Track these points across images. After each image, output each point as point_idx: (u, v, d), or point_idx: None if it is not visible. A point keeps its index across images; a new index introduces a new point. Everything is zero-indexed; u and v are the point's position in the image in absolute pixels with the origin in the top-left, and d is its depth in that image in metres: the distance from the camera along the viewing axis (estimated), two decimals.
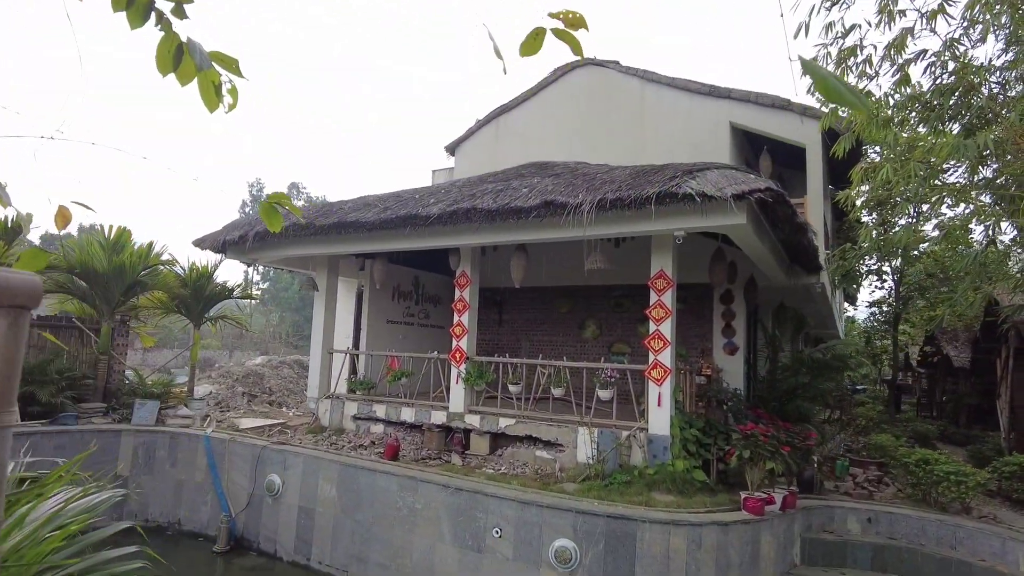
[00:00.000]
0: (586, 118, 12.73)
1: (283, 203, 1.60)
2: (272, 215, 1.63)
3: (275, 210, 1.63)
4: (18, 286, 0.75)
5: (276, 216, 1.64)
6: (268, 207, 1.61)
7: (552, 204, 7.22)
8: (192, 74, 1.65)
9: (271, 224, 1.65)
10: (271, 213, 1.62)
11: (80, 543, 1.93)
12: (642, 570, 6.18)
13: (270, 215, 1.62)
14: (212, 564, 8.35)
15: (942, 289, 13.55)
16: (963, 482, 7.44)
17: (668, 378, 7.80)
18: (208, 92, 1.68)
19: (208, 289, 11.61)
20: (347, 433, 10.08)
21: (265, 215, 1.62)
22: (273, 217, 1.64)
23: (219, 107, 1.72)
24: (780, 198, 6.61)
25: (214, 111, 1.71)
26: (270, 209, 1.61)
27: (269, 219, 1.63)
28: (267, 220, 1.63)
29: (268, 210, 1.61)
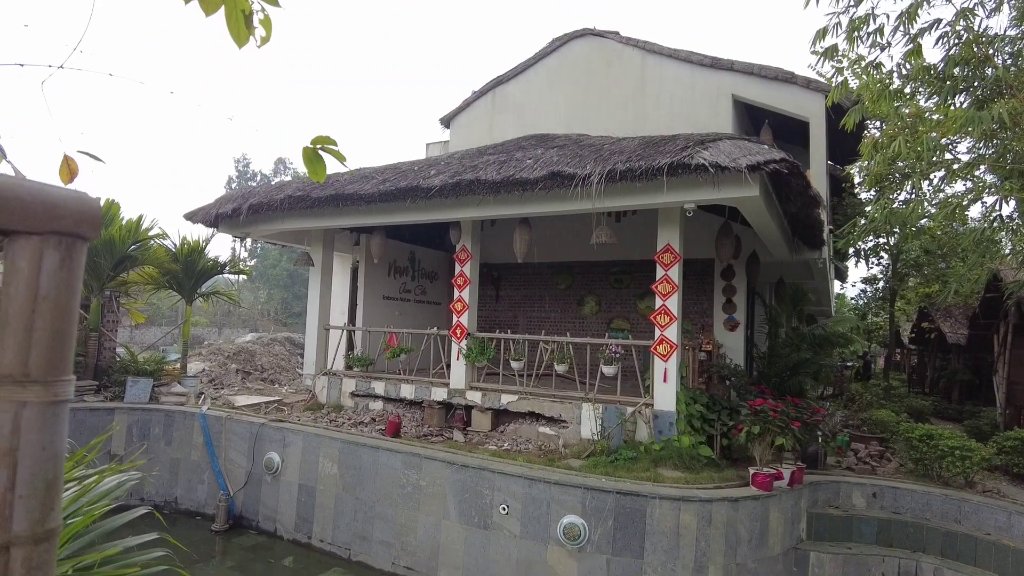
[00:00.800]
0: (585, 90, 12.44)
1: (329, 149, 1.40)
2: (316, 163, 1.42)
3: (319, 157, 1.42)
4: (70, 206, 0.56)
5: (320, 164, 1.44)
6: (312, 153, 1.40)
7: (559, 175, 7.01)
8: (219, 1, 1.43)
9: (315, 173, 1.44)
10: (315, 160, 1.42)
11: (100, 529, 1.76)
12: (652, 546, 6.12)
13: (314, 163, 1.42)
14: (211, 543, 8.21)
15: (940, 266, 13.54)
16: (967, 457, 7.43)
17: (674, 354, 7.70)
18: (237, 22, 1.46)
19: (200, 264, 11.31)
20: (346, 410, 9.93)
21: (308, 163, 1.42)
22: (317, 165, 1.43)
23: (249, 41, 1.51)
24: (795, 169, 6.45)
25: (243, 45, 1.50)
26: (314, 156, 1.40)
27: (312, 167, 1.42)
28: (310, 168, 1.43)
29: (312, 157, 1.40)
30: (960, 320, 14.43)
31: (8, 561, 0.51)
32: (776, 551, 6.61)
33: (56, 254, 0.55)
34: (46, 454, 0.54)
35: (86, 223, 0.57)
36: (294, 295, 44.03)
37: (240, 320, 37.49)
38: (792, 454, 7.51)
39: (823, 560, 6.80)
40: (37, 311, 0.54)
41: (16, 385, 0.53)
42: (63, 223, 0.55)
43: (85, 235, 0.57)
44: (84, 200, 0.57)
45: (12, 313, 0.53)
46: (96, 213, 0.58)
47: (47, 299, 0.54)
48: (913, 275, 15.40)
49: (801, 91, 10.51)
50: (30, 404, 0.53)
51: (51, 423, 0.54)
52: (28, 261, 0.54)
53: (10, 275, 0.53)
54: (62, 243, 0.55)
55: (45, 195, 0.53)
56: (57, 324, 0.55)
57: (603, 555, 6.20)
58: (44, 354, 0.54)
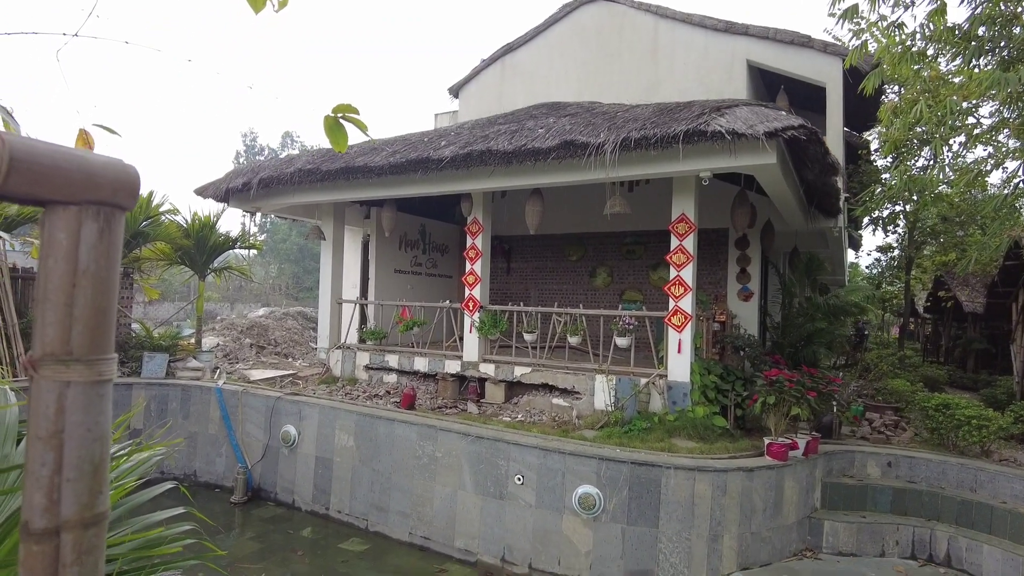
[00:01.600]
0: (596, 56, 12.20)
1: (350, 118, 1.35)
2: (337, 132, 1.38)
3: (340, 126, 1.38)
4: (108, 175, 0.52)
5: (341, 133, 1.39)
6: (333, 122, 1.35)
7: (572, 144, 6.91)
8: None
9: (336, 143, 1.40)
10: (336, 130, 1.37)
11: (127, 504, 1.77)
12: (667, 516, 6.17)
13: (335, 132, 1.37)
14: (231, 515, 8.37)
15: (958, 234, 13.33)
16: (984, 426, 7.38)
17: (688, 325, 7.66)
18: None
19: (212, 239, 11.33)
20: (360, 383, 10.01)
21: (330, 132, 1.37)
22: (338, 134, 1.38)
23: (265, 6, 1.45)
24: (814, 136, 6.31)
25: (260, 10, 1.45)
26: (335, 125, 1.36)
27: (334, 137, 1.38)
28: (332, 138, 1.38)
29: (333, 126, 1.35)
30: (977, 288, 14.25)
31: (59, 546, 0.49)
32: (791, 520, 6.65)
33: (95, 225, 0.51)
34: (92, 435, 0.51)
35: (124, 192, 0.53)
36: (304, 269, 44.23)
37: (252, 295, 37.76)
38: (807, 424, 7.50)
39: (837, 528, 6.84)
40: (77, 286, 0.50)
41: (59, 364, 0.50)
42: (101, 192, 0.51)
43: (124, 205, 0.54)
44: (122, 168, 0.53)
45: (52, 288, 0.50)
46: (135, 181, 0.55)
47: (87, 273, 0.51)
48: (930, 243, 15.19)
49: (818, 55, 10.26)
50: (74, 384, 0.51)
51: (96, 403, 0.52)
52: (67, 232, 0.50)
53: (48, 248, 0.50)
54: (100, 213, 0.52)
55: (83, 162, 0.50)
56: (98, 299, 0.51)
57: (618, 524, 6.26)
58: (86, 331, 0.51)
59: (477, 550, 6.95)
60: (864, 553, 6.78)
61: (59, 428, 0.50)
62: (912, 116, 6.79)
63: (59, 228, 0.51)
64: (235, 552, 7.27)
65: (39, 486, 0.49)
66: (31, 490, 0.49)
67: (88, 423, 0.51)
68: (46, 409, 0.50)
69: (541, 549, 6.58)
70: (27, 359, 0.51)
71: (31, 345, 0.52)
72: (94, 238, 0.52)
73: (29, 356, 0.51)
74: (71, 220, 0.51)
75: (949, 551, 6.65)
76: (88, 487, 0.51)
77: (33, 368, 0.50)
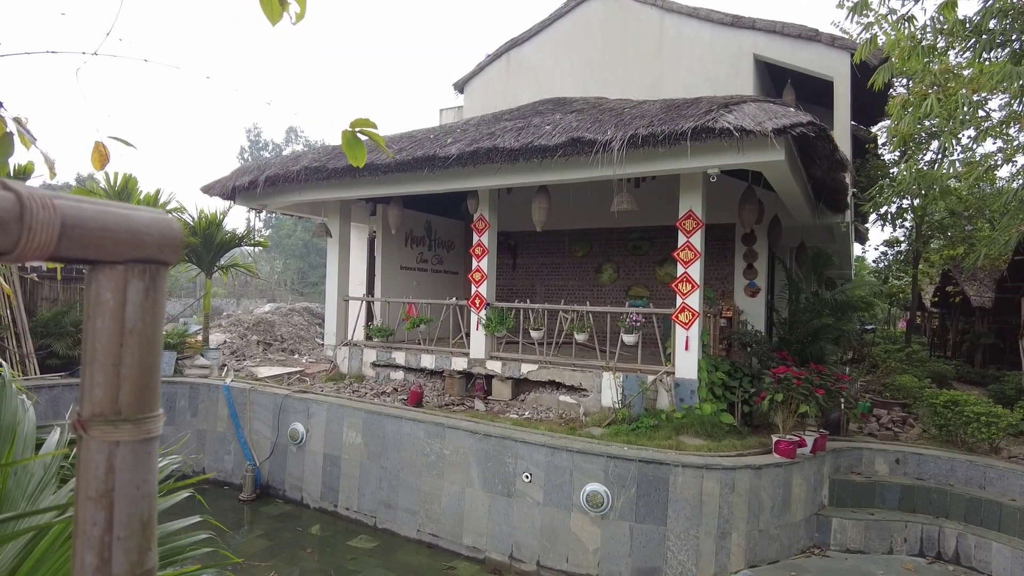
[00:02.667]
0: (602, 51, 12.15)
1: (367, 132, 1.35)
2: (355, 147, 1.37)
3: (358, 141, 1.37)
4: (152, 231, 0.52)
5: (360, 148, 1.38)
6: (351, 137, 1.34)
7: (579, 141, 6.88)
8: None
9: (354, 158, 1.39)
10: (354, 144, 1.36)
11: None
12: (675, 514, 6.18)
13: (353, 147, 1.36)
14: (240, 512, 8.42)
15: (967, 228, 13.25)
16: (993, 423, 7.36)
17: (696, 321, 7.65)
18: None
19: (218, 237, 11.35)
20: (367, 380, 10.03)
21: (348, 147, 1.36)
22: (357, 149, 1.37)
23: (283, 18, 1.45)
24: (822, 132, 6.28)
25: (277, 23, 1.44)
26: (353, 140, 1.35)
27: (352, 151, 1.37)
28: (349, 153, 1.37)
29: (351, 141, 1.35)
30: (986, 283, 14.18)
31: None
32: (798, 517, 6.65)
33: (140, 283, 0.51)
34: (140, 493, 0.51)
35: (169, 247, 0.53)
36: (309, 264, 44.32)
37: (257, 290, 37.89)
38: (814, 421, 7.49)
39: (845, 526, 6.84)
40: (125, 345, 0.50)
41: (108, 424, 0.50)
42: (147, 250, 0.51)
43: (168, 260, 0.54)
44: (166, 223, 0.53)
45: (100, 349, 0.50)
46: (178, 236, 0.54)
47: (133, 332, 0.51)
48: (937, 237, 15.09)
49: (826, 49, 10.17)
50: (123, 443, 0.50)
51: (144, 461, 0.52)
52: (113, 292, 0.50)
53: (95, 308, 0.50)
54: (147, 271, 0.52)
55: (128, 221, 0.49)
56: (145, 358, 0.51)
57: (626, 522, 6.27)
58: (133, 390, 0.51)
59: (485, 547, 6.98)
60: (872, 550, 6.78)
61: (109, 487, 0.50)
62: (922, 110, 6.75)
63: (105, 288, 0.50)
64: (244, 550, 7.31)
65: (90, 546, 0.49)
66: (82, 550, 0.49)
67: (137, 481, 0.51)
68: (96, 469, 0.50)
69: (549, 547, 6.60)
70: (77, 420, 0.51)
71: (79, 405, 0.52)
72: (140, 296, 0.51)
73: (78, 417, 0.51)
74: (118, 279, 0.50)
75: (958, 548, 6.65)
76: (138, 544, 0.51)
77: (83, 429, 0.50)
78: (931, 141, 13.07)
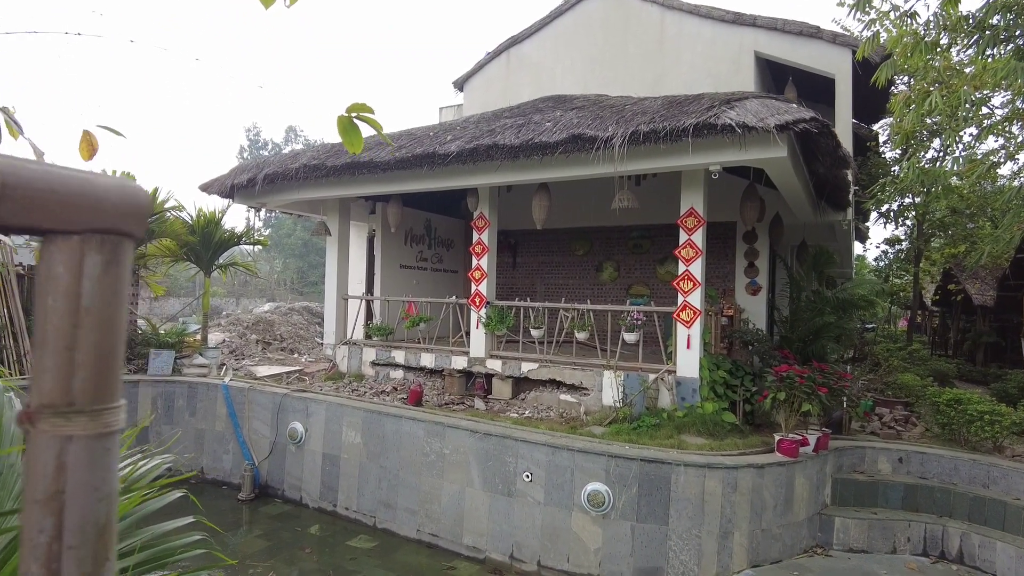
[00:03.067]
0: (602, 49, 12.09)
1: (365, 118, 1.29)
2: (352, 133, 1.31)
3: (355, 126, 1.31)
4: (113, 198, 0.46)
5: (356, 134, 1.32)
6: (347, 123, 1.28)
7: (580, 138, 6.83)
8: None
9: (350, 144, 1.33)
10: (350, 130, 1.30)
11: (136, 515, 1.72)
12: (676, 513, 6.12)
13: (349, 133, 1.30)
14: (238, 511, 8.36)
15: (969, 226, 13.19)
16: (997, 422, 7.30)
17: (697, 320, 7.59)
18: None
19: (217, 235, 11.28)
20: (367, 379, 9.98)
21: (344, 133, 1.30)
22: (353, 135, 1.31)
23: (275, 1, 1.39)
24: (825, 129, 6.22)
25: (270, 6, 1.39)
26: (349, 126, 1.29)
27: (348, 137, 1.31)
28: (345, 139, 1.31)
29: (347, 127, 1.28)
30: (988, 281, 14.13)
31: None
32: (801, 517, 6.60)
33: (99, 257, 0.45)
34: (96, 496, 0.45)
35: (133, 217, 0.47)
36: (309, 264, 44.28)
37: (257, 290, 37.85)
38: (817, 419, 7.43)
39: (848, 525, 6.78)
40: (80, 326, 0.44)
41: (59, 417, 0.44)
42: (106, 219, 0.45)
43: (132, 232, 0.48)
44: (132, 191, 0.47)
45: (51, 330, 0.44)
46: (144, 205, 0.48)
47: (90, 312, 0.45)
48: (938, 235, 15.03)
49: (827, 46, 10.13)
50: (76, 438, 0.45)
51: (101, 458, 0.46)
52: (67, 266, 0.44)
53: (47, 284, 0.44)
54: (105, 243, 0.46)
55: (85, 185, 0.43)
56: (104, 341, 0.45)
57: (628, 522, 6.22)
58: (90, 378, 0.45)
59: (486, 547, 6.92)
60: (875, 550, 6.73)
61: (59, 488, 0.44)
62: (925, 107, 6.69)
63: (58, 261, 0.44)
64: (243, 550, 7.26)
65: (36, 556, 0.43)
66: (27, 560, 0.43)
67: (93, 481, 0.45)
68: (44, 468, 0.44)
69: (550, 546, 6.55)
70: (22, 412, 0.45)
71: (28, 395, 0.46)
72: (98, 271, 0.45)
73: (25, 409, 0.45)
74: (72, 251, 0.44)
75: (962, 548, 6.59)
76: (92, 554, 0.45)
77: (29, 422, 0.45)
78: (933, 139, 13.01)
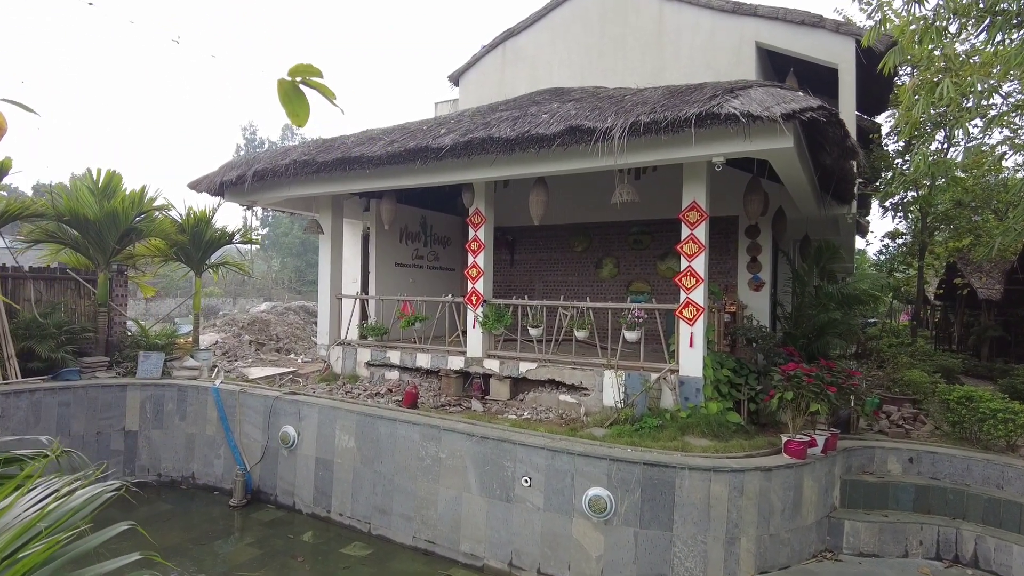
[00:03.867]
0: (600, 40, 11.83)
1: (311, 82, 1.04)
2: (295, 100, 1.06)
3: (299, 93, 1.07)
4: None
5: (300, 101, 1.07)
6: (289, 88, 1.03)
7: (578, 130, 6.58)
8: None
9: (294, 114, 1.09)
10: (294, 97, 1.06)
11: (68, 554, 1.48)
12: (681, 518, 5.89)
13: (293, 100, 1.06)
14: (230, 518, 8.13)
15: (974, 219, 12.95)
16: (1011, 420, 7.07)
17: (701, 317, 7.35)
18: None
19: (208, 234, 11.03)
20: (361, 380, 9.74)
21: (285, 101, 1.06)
22: (297, 103, 1.07)
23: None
24: (834, 117, 5.97)
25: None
26: (292, 92, 1.04)
27: (291, 107, 1.07)
28: (288, 108, 1.07)
29: (289, 92, 1.04)
30: (993, 275, 13.90)
31: None
32: (810, 520, 6.37)
33: None
34: None
35: None
36: (307, 263, 44.09)
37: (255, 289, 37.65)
38: (824, 419, 7.20)
39: (858, 529, 6.55)
40: None
41: None
42: None
43: None
44: None
45: None
46: None
47: None
48: (942, 228, 14.79)
49: (830, 36, 9.88)
50: None
51: None
52: None
53: None
54: None
55: None
56: None
57: (631, 528, 5.99)
58: None
59: (484, 555, 6.70)
60: (886, 554, 6.50)
61: None
62: (935, 95, 6.44)
63: None
64: (233, 558, 7.03)
65: None
66: None
67: None
68: None
69: (550, 554, 6.32)
70: None
71: None
72: None
73: None
74: None
75: (976, 551, 6.36)
76: None
77: None
78: (937, 131, 12.76)
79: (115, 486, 1.74)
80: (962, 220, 13.44)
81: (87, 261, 10.30)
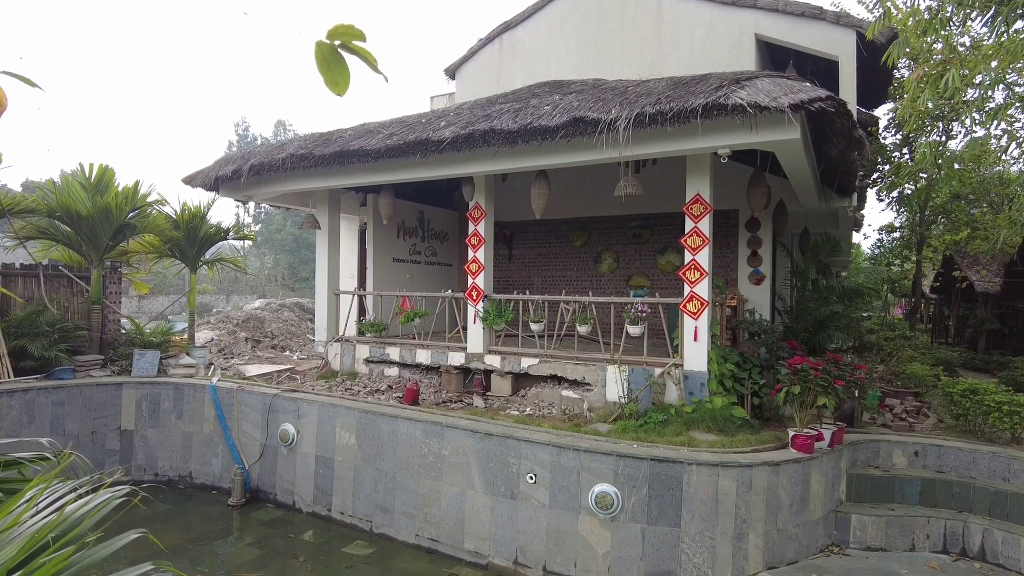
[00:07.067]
0: (598, 33, 11.72)
1: (354, 46, 0.93)
2: (335, 66, 0.95)
3: (339, 58, 0.96)
4: None
5: (341, 68, 0.96)
6: (329, 52, 0.92)
7: (582, 121, 6.47)
8: None
9: (333, 82, 0.97)
10: (333, 63, 0.95)
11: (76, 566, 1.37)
12: (689, 514, 5.83)
13: (331, 66, 0.95)
14: (229, 518, 8.01)
15: (972, 211, 12.95)
16: (1017, 412, 7.05)
17: (705, 311, 7.28)
18: None
19: (202, 231, 10.87)
20: (360, 377, 9.62)
21: (323, 67, 0.94)
22: (337, 71, 0.95)
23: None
24: (841, 108, 5.89)
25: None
26: (332, 56, 0.93)
27: (330, 74, 0.95)
28: (327, 76, 0.95)
29: (329, 57, 0.93)
30: (990, 268, 13.91)
31: None
32: (817, 515, 6.33)
33: None
34: None
35: None
36: (300, 259, 43.81)
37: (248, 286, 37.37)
38: (830, 413, 7.15)
39: (865, 523, 6.51)
40: None
41: None
42: None
43: None
44: None
45: None
46: None
47: None
48: (939, 222, 14.79)
49: (831, 27, 9.81)
50: None
51: None
52: None
53: None
54: None
55: None
56: None
57: (638, 524, 5.92)
58: None
59: (488, 552, 6.62)
60: (894, 548, 6.46)
61: None
62: (941, 86, 6.38)
63: None
64: (233, 559, 6.93)
65: None
66: None
67: None
68: None
69: (556, 551, 6.24)
70: None
71: None
72: None
73: None
74: None
75: (984, 545, 6.34)
76: None
77: None
78: (936, 124, 12.72)
79: (124, 491, 1.64)
80: (960, 213, 13.44)
81: (80, 258, 10.13)
